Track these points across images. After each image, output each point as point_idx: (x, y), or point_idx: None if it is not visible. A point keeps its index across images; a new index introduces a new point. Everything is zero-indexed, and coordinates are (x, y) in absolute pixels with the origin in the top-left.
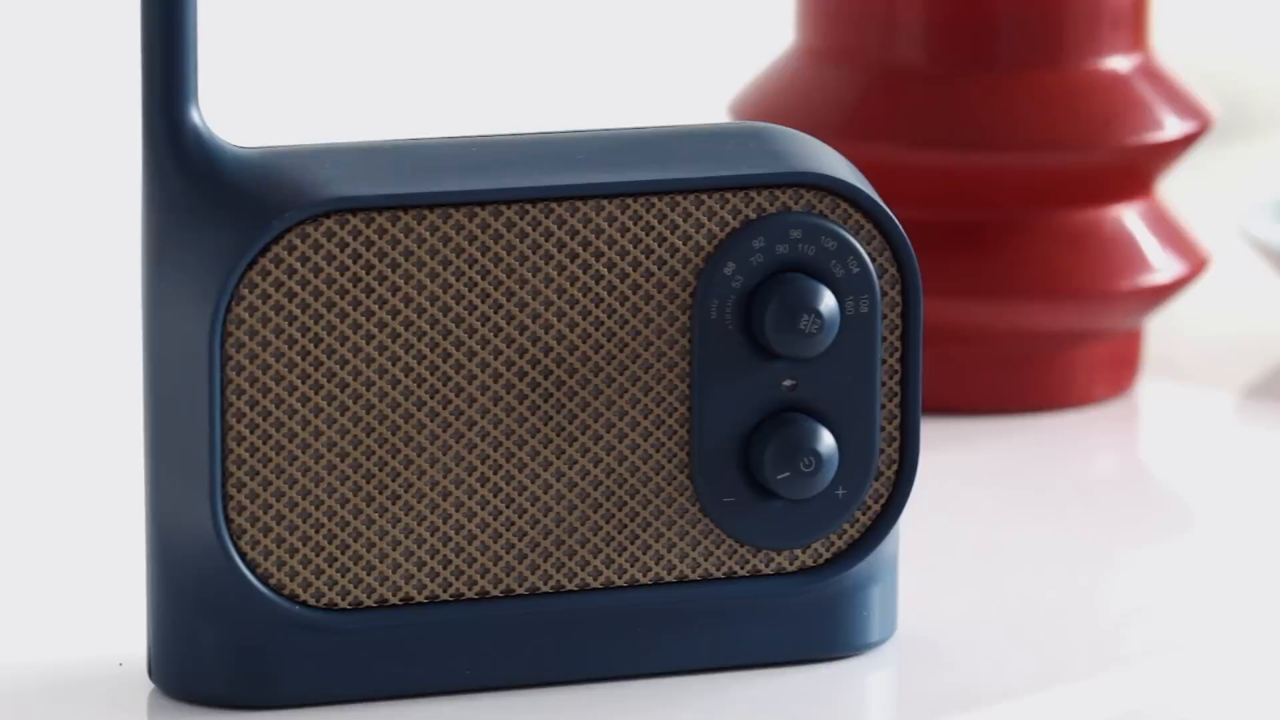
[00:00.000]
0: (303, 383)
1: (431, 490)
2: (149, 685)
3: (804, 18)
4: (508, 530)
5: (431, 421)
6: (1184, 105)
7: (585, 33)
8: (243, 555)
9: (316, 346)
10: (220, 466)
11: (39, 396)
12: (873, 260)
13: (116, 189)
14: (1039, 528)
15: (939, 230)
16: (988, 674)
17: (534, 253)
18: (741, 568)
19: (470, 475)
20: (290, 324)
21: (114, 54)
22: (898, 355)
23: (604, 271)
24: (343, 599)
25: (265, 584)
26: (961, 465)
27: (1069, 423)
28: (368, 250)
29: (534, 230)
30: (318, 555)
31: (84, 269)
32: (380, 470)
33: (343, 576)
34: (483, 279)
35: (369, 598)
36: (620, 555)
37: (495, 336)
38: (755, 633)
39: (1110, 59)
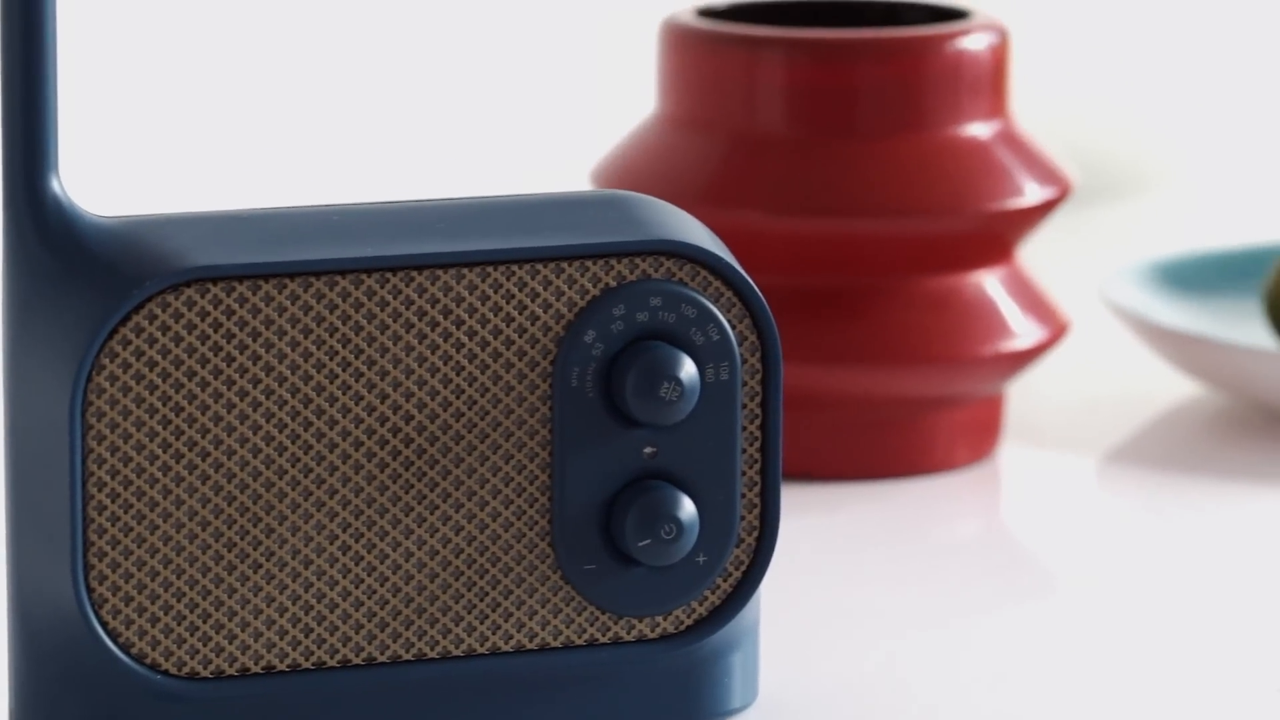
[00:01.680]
0: (164, 452)
1: (294, 558)
2: None
3: (666, 85)
4: (370, 598)
5: (293, 489)
6: (1043, 171)
7: (448, 100)
8: (104, 625)
9: (178, 415)
10: (82, 536)
11: None
12: (732, 327)
13: None
14: (901, 593)
15: (801, 296)
16: None
17: (395, 321)
18: (603, 635)
19: (332, 543)
20: (151, 393)
21: None
22: (758, 422)
23: (465, 339)
24: (205, 668)
25: (127, 653)
26: (823, 531)
27: (931, 488)
28: (229, 319)
29: (395, 299)
30: (180, 624)
31: None
32: (242, 539)
33: (205, 645)
34: (344, 347)
35: (231, 666)
36: (482, 623)
37: (357, 404)
38: (617, 699)
39: (970, 125)
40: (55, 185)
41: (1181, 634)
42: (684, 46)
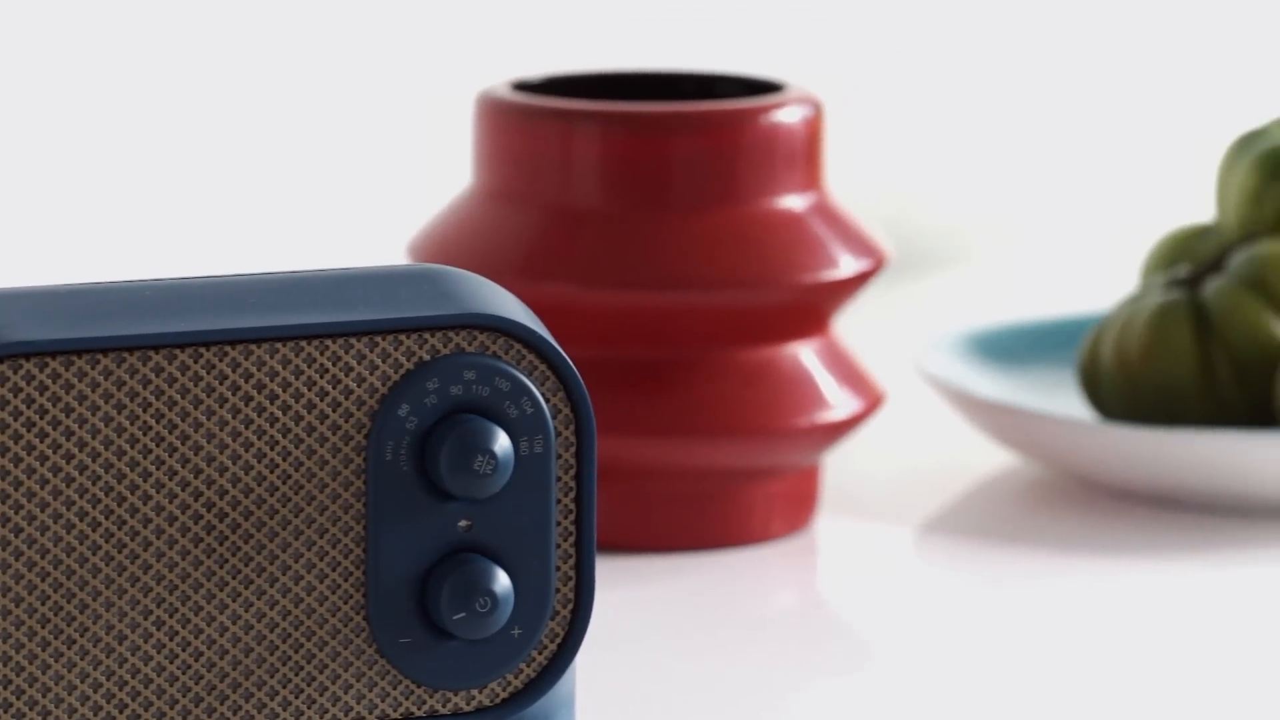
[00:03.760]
0: None
1: (107, 634)
2: None
3: (481, 159)
4: (184, 674)
5: (108, 565)
6: (858, 243)
7: (264, 175)
8: None
9: None
10: None
11: None
12: (546, 400)
13: None
14: (717, 665)
15: (616, 368)
16: None
17: (208, 396)
18: (419, 708)
19: (146, 619)
20: None
21: None
22: (572, 494)
23: (278, 414)
24: None
25: None
26: (640, 603)
27: (747, 559)
28: (41, 395)
29: (208, 374)
30: None
31: None
32: (55, 615)
33: None
34: (157, 423)
35: None
36: (297, 697)
37: (170, 480)
38: None
39: (785, 198)
40: None
41: (998, 705)
42: (499, 120)
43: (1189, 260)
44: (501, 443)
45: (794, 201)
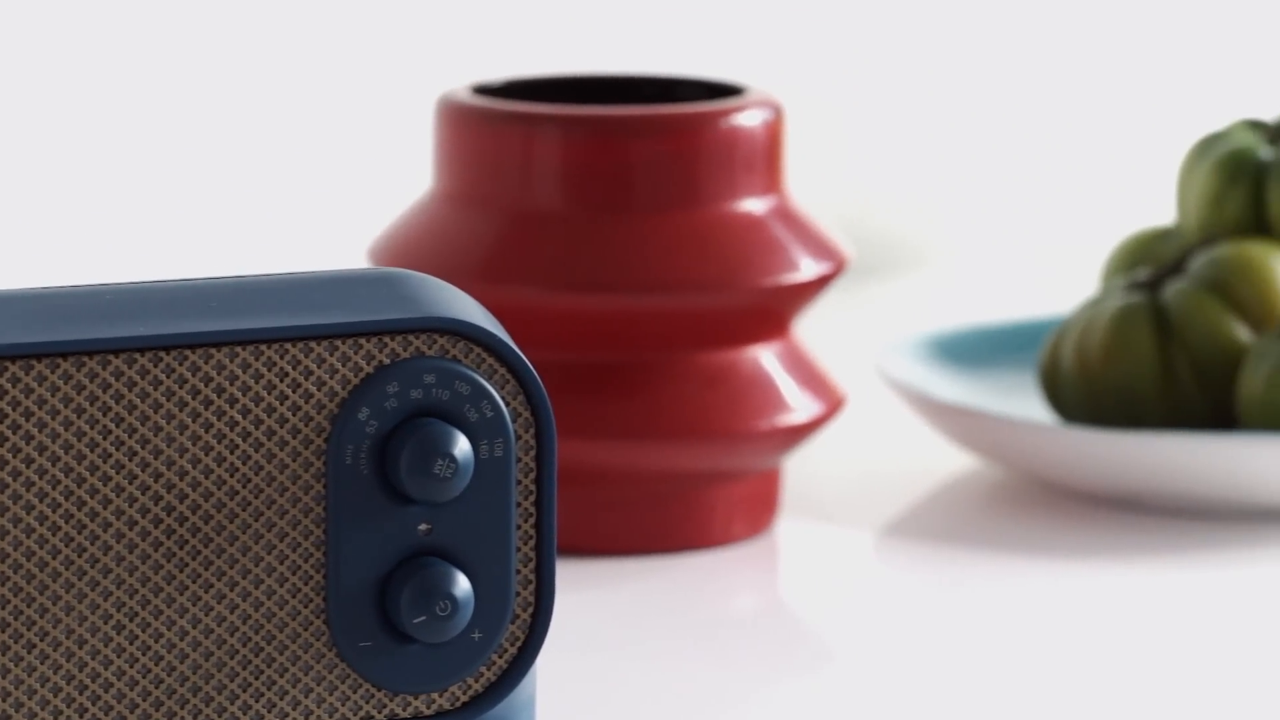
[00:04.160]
0: None
1: (67, 639)
2: None
3: (442, 162)
4: (144, 678)
5: (68, 569)
6: (818, 246)
7: (226, 179)
8: None
9: None
10: None
11: None
12: (506, 404)
13: None
14: (677, 667)
15: (577, 372)
16: None
17: (168, 400)
18: (379, 712)
19: (106, 623)
20: None
21: None
22: (532, 498)
23: (238, 418)
24: None
25: None
26: (600, 606)
27: (708, 562)
28: (1, 399)
29: (168, 377)
30: None
31: None
32: (15, 619)
33: None
34: (117, 427)
35: None
36: (257, 701)
37: (130, 484)
38: None
39: (745, 201)
40: None
41: (959, 708)
42: (460, 123)
43: (1149, 263)
44: (461, 446)
45: (754, 205)
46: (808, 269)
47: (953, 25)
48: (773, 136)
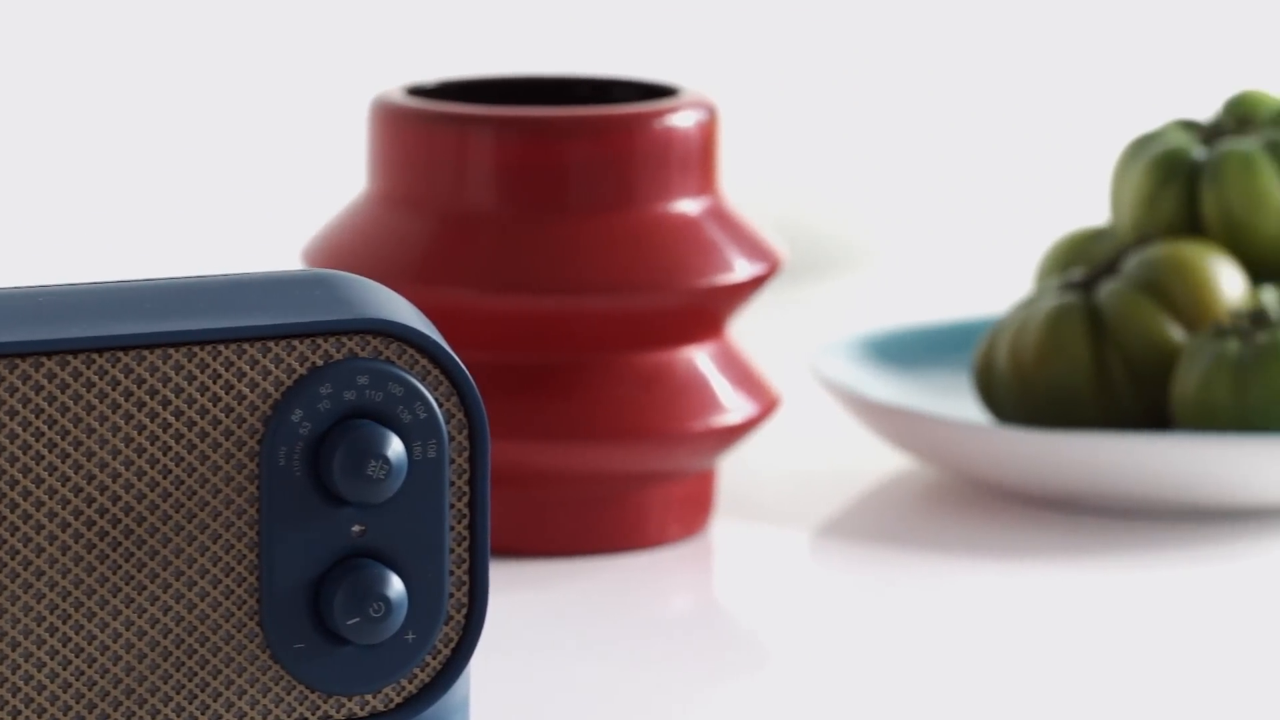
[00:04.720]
0: None
1: (0, 641)
2: None
3: (376, 163)
4: (78, 680)
5: None
6: (753, 247)
7: (159, 179)
8: None
9: None
10: None
11: None
12: (440, 405)
13: None
14: (613, 669)
15: (511, 373)
16: None
17: (101, 402)
18: (313, 714)
19: (39, 625)
20: None
21: None
22: (466, 499)
23: (171, 420)
24: None
25: None
26: (536, 607)
27: (643, 563)
28: None
29: (101, 379)
30: None
31: None
32: None
33: None
34: (50, 428)
35: None
36: (191, 703)
37: (63, 486)
38: None
39: (679, 202)
40: None
41: (893, 707)
42: (394, 125)
43: (1083, 263)
44: (395, 448)
45: (688, 205)
46: (742, 269)
47: (886, 27)
48: (707, 137)
